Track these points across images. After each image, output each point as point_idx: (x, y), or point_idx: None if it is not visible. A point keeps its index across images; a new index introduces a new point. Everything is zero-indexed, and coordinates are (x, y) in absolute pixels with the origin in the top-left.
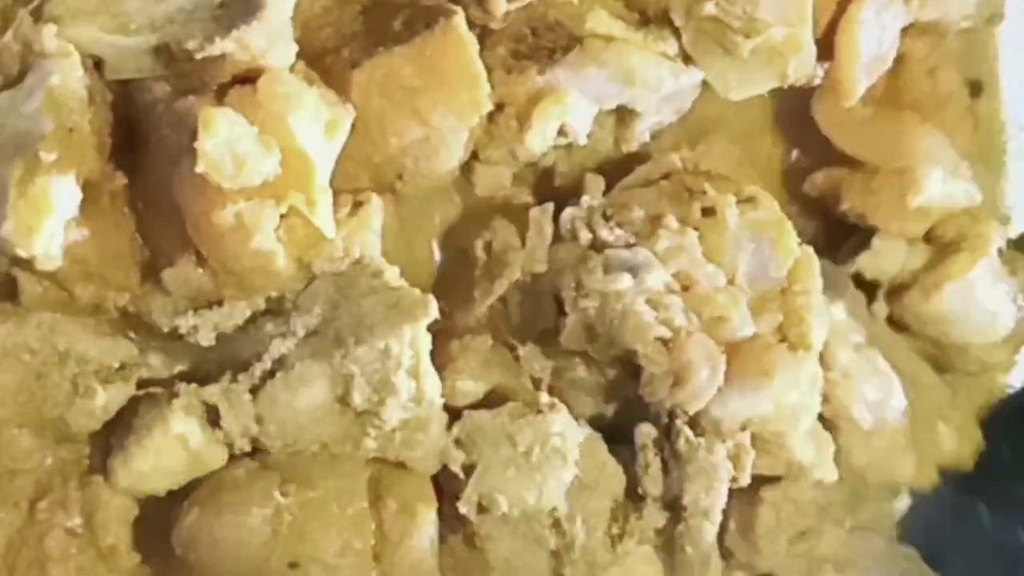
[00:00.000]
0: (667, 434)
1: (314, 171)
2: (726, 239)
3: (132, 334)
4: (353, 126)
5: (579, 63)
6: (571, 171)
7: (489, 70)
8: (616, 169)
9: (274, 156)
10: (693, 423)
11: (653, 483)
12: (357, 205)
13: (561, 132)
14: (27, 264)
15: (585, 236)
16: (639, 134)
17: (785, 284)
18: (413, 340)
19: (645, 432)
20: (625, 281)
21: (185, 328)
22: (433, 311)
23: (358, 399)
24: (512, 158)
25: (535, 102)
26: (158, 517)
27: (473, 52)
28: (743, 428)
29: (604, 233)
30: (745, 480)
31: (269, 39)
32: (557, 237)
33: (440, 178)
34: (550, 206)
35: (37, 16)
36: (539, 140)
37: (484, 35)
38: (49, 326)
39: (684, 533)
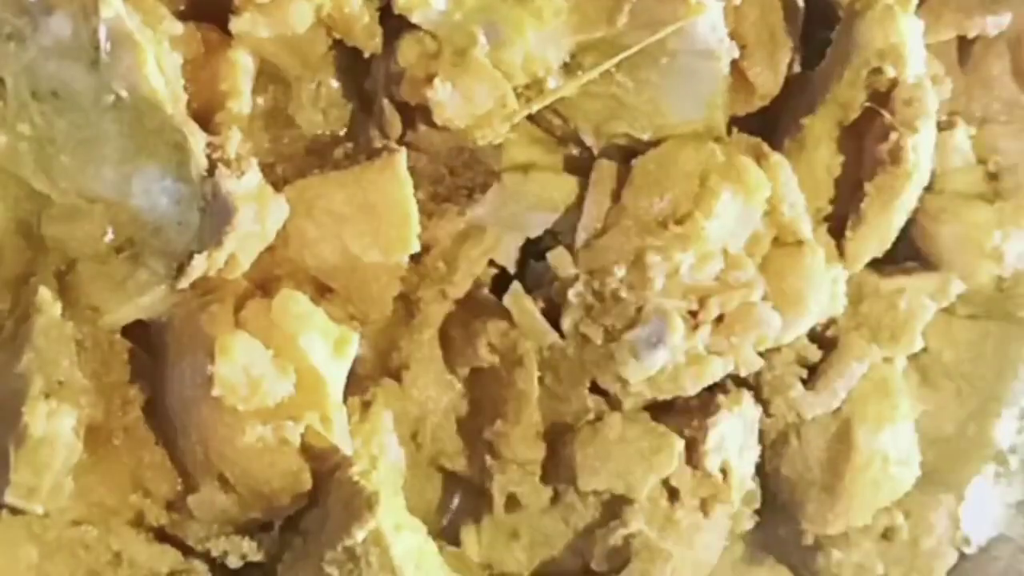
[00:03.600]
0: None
1: (327, 389)
2: (707, 232)
3: None
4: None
5: (499, 199)
6: None
7: None
8: None
9: (289, 378)
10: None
11: None
12: (365, 406)
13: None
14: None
15: (597, 334)
16: None
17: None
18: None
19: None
20: (660, 357)
21: (216, 552)
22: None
23: None
24: (443, 297)
25: (460, 243)
26: None
27: (408, 192)
28: None
29: (610, 321)
30: None
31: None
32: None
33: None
34: (516, 285)
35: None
36: (467, 280)
37: None
38: (106, 526)
39: None
